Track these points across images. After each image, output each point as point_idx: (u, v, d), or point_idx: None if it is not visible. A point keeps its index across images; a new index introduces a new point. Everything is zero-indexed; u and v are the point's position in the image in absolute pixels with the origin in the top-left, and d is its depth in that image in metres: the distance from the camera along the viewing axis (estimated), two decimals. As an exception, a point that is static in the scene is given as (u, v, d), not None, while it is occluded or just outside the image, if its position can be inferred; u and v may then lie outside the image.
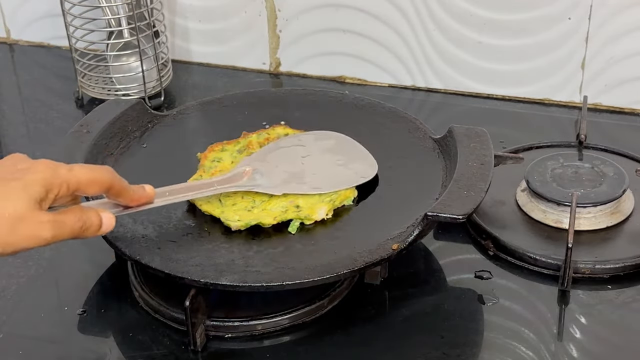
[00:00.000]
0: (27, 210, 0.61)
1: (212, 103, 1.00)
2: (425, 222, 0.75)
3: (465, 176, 0.79)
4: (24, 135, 1.13)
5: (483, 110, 1.11)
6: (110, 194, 0.69)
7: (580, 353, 0.74)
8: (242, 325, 0.76)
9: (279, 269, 0.74)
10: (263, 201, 0.82)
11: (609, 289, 0.80)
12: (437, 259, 0.85)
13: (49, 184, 0.64)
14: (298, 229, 0.80)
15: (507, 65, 1.12)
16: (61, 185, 0.64)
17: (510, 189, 0.92)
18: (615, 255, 0.82)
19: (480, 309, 0.78)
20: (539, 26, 1.08)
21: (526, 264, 0.83)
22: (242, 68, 1.24)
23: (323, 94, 1.01)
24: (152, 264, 0.75)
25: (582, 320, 0.77)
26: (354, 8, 1.15)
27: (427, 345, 0.74)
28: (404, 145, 0.91)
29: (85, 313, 0.80)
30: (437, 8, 1.10)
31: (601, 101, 1.10)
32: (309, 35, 1.19)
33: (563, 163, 0.92)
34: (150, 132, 0.95)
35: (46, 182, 0.63)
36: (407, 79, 1.17)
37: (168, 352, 0.75)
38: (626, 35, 1.05)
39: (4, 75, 1.29)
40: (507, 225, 0.87)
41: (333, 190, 0.82)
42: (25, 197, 0.62)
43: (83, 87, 1.17)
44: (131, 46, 1.14)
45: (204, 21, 1.23)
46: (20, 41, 1.36)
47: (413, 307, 0.79)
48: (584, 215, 0.86)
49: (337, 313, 0.78)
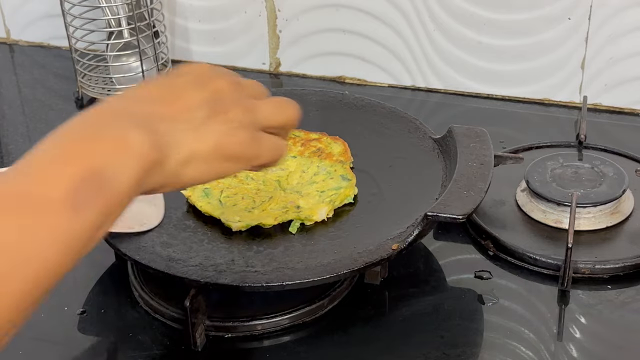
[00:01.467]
0: None
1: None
2: (425, 222, 0.75)
3: (465, 176, 0.79)
4: (23, 135, 1.13)
5: (483, 110, 1.11)
6: None
7: (580, 353, 0.74)
8: (242, 325, 0.76)
9: (279, 269, 0.74)
10: (263, 202, 0.82)
11: (608, 289, 0.80)
12: (437, 259, 0.85)
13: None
14: (298, 229, 0.80)
15: (507, 65, 1.12)
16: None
17: (510, 189, 0.92)
18: (615, 255, 0.82)
19: (480, 309, 0.78)
20: (539, 26, 1.08)
21: (526, 264, 0.83)
22: (242, 68, 1.24)
23: (323, 94, 1.01)
24: (152, 264, 0.75)
25: (582, 320, 0.77)
26: (354, 8, 1.15)
27: (427, 345, 0.74)
28: (404, 145, 0.91)
29: (85, 313, 0.80)
30: (437, 8, 1.10)
31: (601, 101, 1.10)
32: (309, 35, 1.19)
33: (563, 163, 0.92)
34: (150, 132, 0.94)
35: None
36: (407, 79, 1.17)
37: (168, 352, 0.75)
38: (626, 35, 1.05)
39: (4, 75, 1.29)
40: (507, 225, 0.87)
41: None
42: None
43: (83, 87, 1.17)
44: (131, 46, 1.14)
45: (204, 21, 1.23)
46: (20, 41, 1.36)
47: (413, 307, 0.79)
48: (584, 215, 0.86)
49: (337, 313, 0.78)
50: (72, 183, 0.45)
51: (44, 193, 0.45)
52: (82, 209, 0.45)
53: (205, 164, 0.58)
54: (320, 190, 0.84)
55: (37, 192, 0.45)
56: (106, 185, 0.47)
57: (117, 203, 0.49)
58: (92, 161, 0.48)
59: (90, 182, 0.46)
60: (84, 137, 0.50)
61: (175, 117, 0.56)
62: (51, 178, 0.46)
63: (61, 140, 0.50)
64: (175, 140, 0.55)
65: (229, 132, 0.59)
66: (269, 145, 0.63)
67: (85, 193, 0.46)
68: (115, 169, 0.49)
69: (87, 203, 0.46)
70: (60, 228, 0.44)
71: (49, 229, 0.44)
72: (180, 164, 0.56)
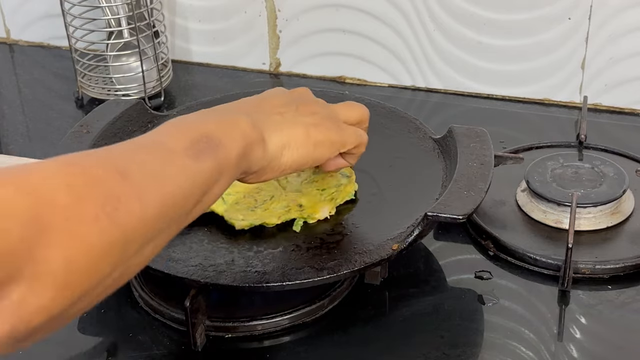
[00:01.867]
0: None
1: (212, 103, 1.00)
2: (425, 222, 0.75)
3: (465, 176, 0.79)
4: (23, 135, 1.13)
5: (483, 110, 1.11)
6: None
7: (580, 353, 0.74)
8: (242, 326, 0.76)
9: (279, 269, 0.74)
10: (265, 201, 0.82)
11: (609, 289, 0.80)
12: (437, 259, 0.85)
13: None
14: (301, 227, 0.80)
15: (507, 65, 1.12)
16: None
17: (510, 189, 0.92)
18: (616, 255, 0.82)
19: (480, 309, 0.78)
20: (539, 26, 1.08)
21: (526, 264, 0.83)
22: (242, 68, 1.24)
23: (323, 94, 1.01)
24: (152, 264, 0.75)
25: (582, 320, 0.77)
26: (354, 8, 1.15)
27: (427, 345, 0.74)
28: (404, 145, 0.91)
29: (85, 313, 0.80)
30: (437, 8, 1.10)
31: (601, 101, 1.10)
32: (309, 36, 1.19)
33: (563, 163, 0.92)
34: (150, 132, 0.95)
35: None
36: (407, 79, 1.17)
37: (168, 352, 0.75)
38: (626, 36, 1.05)
39: (3, 75, 1.29)
40: (507, 225, 0.87)
41: None
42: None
43: (83, 87, 1.17)
44: (131, 46, 1.14)
45: (204, 21, 1.23)
46: (20, 41, 1.36)
47: (413, 307, 0.79)
48: (584, 215, 0.86)
49: (337, 313, 0.78)
50: (190, 141, 0.59)
51: (173, 144, 0.58)
52: (199, 159, 0.58)
53: (300, 149, 0.70)
54: (320, 188, 0.84)
55: (168, 142, 0.58)
56: (218, 147, 0.60)
57: (228, 165, 0.61)
58: (207, 130, 0.61)
59: (205, 142, 0.59)
60: (197, 117, 0.65)
61: (269, 113, 0.70)
62: (176, 137, 0.59)
63: (179, 120, 0.63)
64: (272, 128, 0.68)
65: (315, 121, 0.72)
66: (352, 132, 0.76)
67: (202, 148, 0.59)
68: (225, 137, 0.61)
69: (203, 155, 0.58)
70: (185, 169, 0.57)
71: (177, 167, 0.56)
72: (279, 148, 0.68)
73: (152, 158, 0.56)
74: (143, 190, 0.52)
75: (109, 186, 0.50)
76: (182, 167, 0.57)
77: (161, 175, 0.54)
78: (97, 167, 0.51)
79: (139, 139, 0.59)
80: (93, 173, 0.50)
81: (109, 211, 0.48)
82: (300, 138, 0.70)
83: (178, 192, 0.55)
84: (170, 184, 0.55)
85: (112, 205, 0.49)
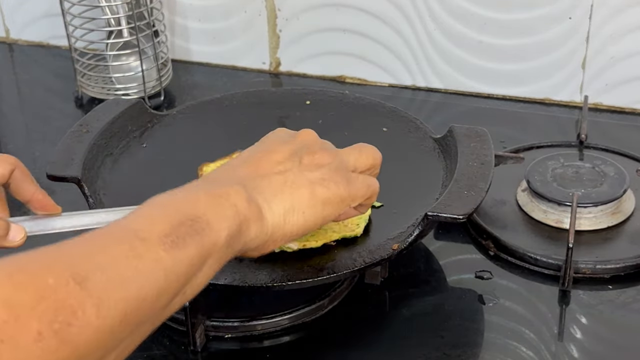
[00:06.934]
0: None
1: (212, 103, 1.00)
2: (426, 222, 0.75)
3: (465, 176, 0.79)
4: (23, 135, 1.13)
5: (483, 110, 1.11)
6: None
7: (580, 353, 0.74)
8: (242, 326, 0.76)
9: (279, 269, 0.74)
10: None
11: (609, 289, 0.80)
12: (437, 259, 0.85)
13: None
14: None
15: (507, 65, 1.11)
16: None
17: (510, 189, 0.92)
18: (616, 255, 0.82)
19: (480, 309, 0.78)
20: (539, 26, 1.08)
21: (527, 264, 0.83)
22: (242, 68, 1.24)
23: (323, 94, 1.01)
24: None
25: (582, 320, 0.77)
26: (354, 8, 1.15)
27: (427, 345, 0.74)
28: (404, 145, 0.91)
29: (84, 313, 0.80)
30: (438, 8, 1.10)
31: (602, 101, 1.10)
32: (309, 35, 1.19)
33: (564, 163, 0.92)
34: (150, 132, 0.94)
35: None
36: (407, 78, 1.17)
37: (168, 352, 0.75)
38: (627, 35, 1.05)
39: (3, 75, 1.29)
40: (507, 225, 0.87)
41: None
42: None
43: (82, 87, 1.17)
44: (131, 46, 1.14)
45: (204, 21, 1.23)
46: (19, 41, 1.36)
47: (413, 307, 0.79)
48: (585, 215, 0.86)
49: (337, 313, 0.78)
50: (171, 225, 0.52)
51: (147, 232, 0.51)
52: (178, 247, 0.51)
53: (306, 212, 0.63)
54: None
55: (143, 229, 0.51)
56: (204, 230, 0.53)
57: (215, 249, 0.54)
58: (193, 211, 0.54)
59: (189, 225, 0.53)
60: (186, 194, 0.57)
61: (269, 174, 0.63)
62: (155, 221, 0.52)
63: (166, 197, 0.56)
64: (273, 195, 0.61)
65: (322, 176, 0.64)
66: (362, 184, 0.67)
67: (183, 233, 0.52)
68: (213, 218, 0.55)
69: (183, 242, 0.52)
70: (159, 263, 0.50)
71: (149, 262, 0.50)
72: (281, 216, 0.61)
73: (118, 253, 0.49)
74: (103, 297, 0.46)
75: (61, 297, 0.44)
76: (154, 260, 0.50)
77: (127, 275, 0.48)
78: (49, 274, 0.45)
79: (110, 226, 0.52)
80: (42, 283, 0.44)
81: (57, 328, 0.43)
82: (306, 199, 0.63)
83: (148, 291, 0.49)
84: (139, 283, 0.48)
85: (63, 319, 0.43)
